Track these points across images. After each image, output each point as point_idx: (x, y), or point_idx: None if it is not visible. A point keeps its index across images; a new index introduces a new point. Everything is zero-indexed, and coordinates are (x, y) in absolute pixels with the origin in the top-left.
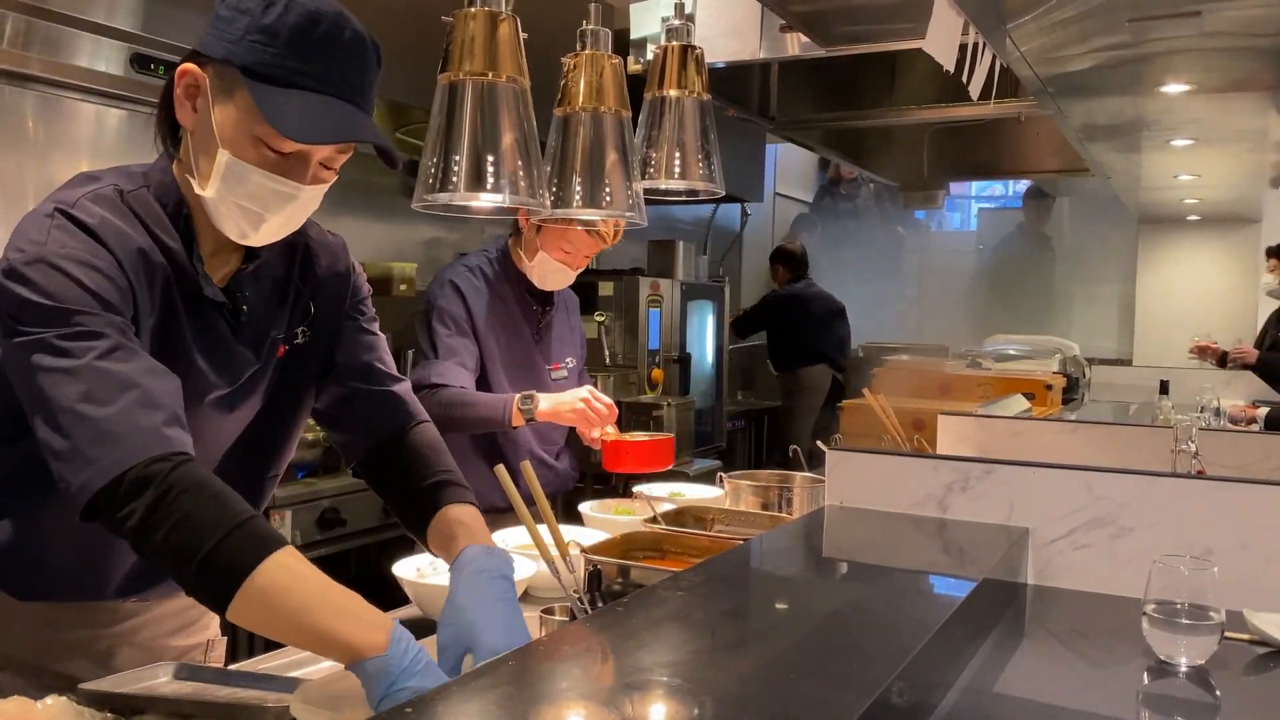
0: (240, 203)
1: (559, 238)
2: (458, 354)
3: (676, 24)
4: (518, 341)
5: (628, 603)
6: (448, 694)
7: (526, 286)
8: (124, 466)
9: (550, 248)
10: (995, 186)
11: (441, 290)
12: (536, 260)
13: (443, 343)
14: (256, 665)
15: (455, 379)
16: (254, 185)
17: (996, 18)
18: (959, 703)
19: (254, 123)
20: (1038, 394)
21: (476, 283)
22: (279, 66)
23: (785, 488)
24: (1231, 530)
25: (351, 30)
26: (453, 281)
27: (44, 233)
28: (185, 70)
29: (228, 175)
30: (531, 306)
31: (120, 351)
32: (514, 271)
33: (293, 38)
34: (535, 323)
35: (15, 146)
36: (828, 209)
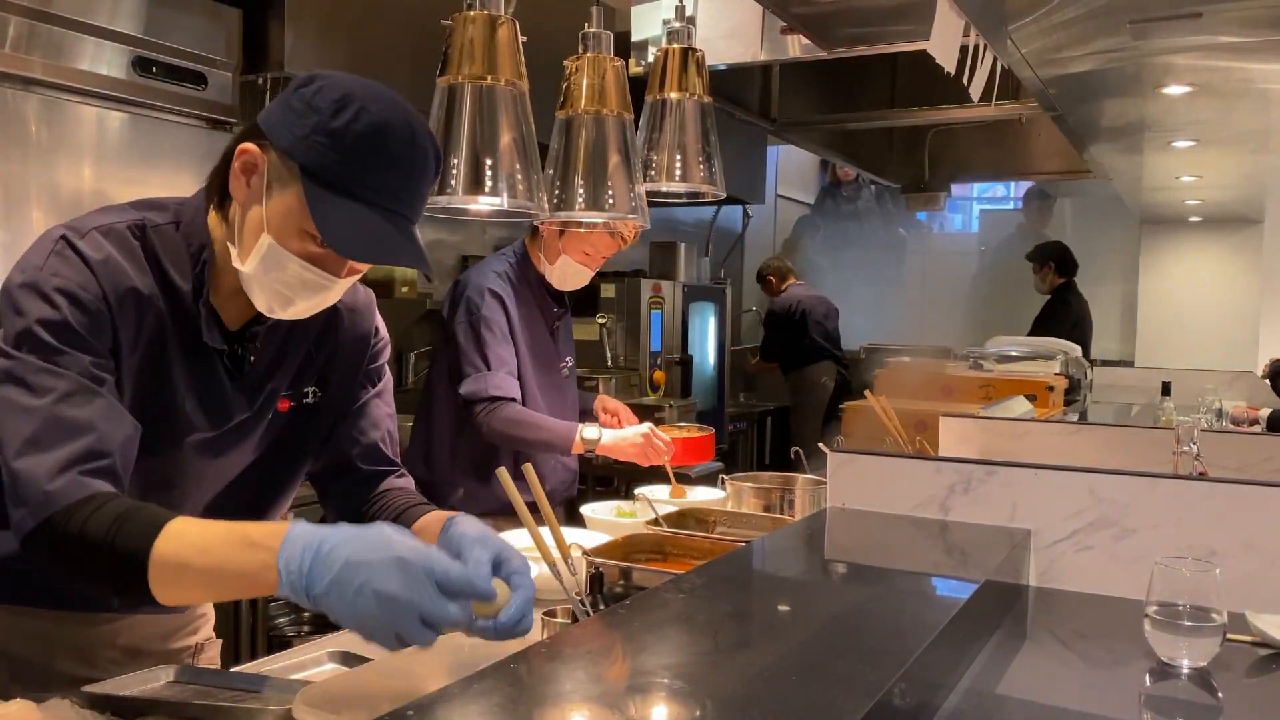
0: (274, 285)
1: (581, 241)
2: (506, 363)
3: (677, 26)
4: (540, 342)
5: (630, 605)
6: (449, 696)
7: (545, 287)
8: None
9: (572, 250)
10: (997, 188)
11: (483, 299)
12: (559, 263)
13: (493, 352)
14: (258, 668)
15: (509, 390)
16: (290, 273)
17: (998, 19)
18: (961, 704)
19: (303, 219)
20: (1040, 395)
21: (507, 288)
22: (338, 174)
23: (787, 489)
24: (1234, 532)
25: (419, 144)
26: (492, 290)
27: (44, 257)
28: (246, 149)
29: (267, 258)
30: (551, 308)
31: (79, 396)
32: (533, 273)
33: (357, 147)
34: (552, 322)
35: (18, 149)
36: (829, 211)
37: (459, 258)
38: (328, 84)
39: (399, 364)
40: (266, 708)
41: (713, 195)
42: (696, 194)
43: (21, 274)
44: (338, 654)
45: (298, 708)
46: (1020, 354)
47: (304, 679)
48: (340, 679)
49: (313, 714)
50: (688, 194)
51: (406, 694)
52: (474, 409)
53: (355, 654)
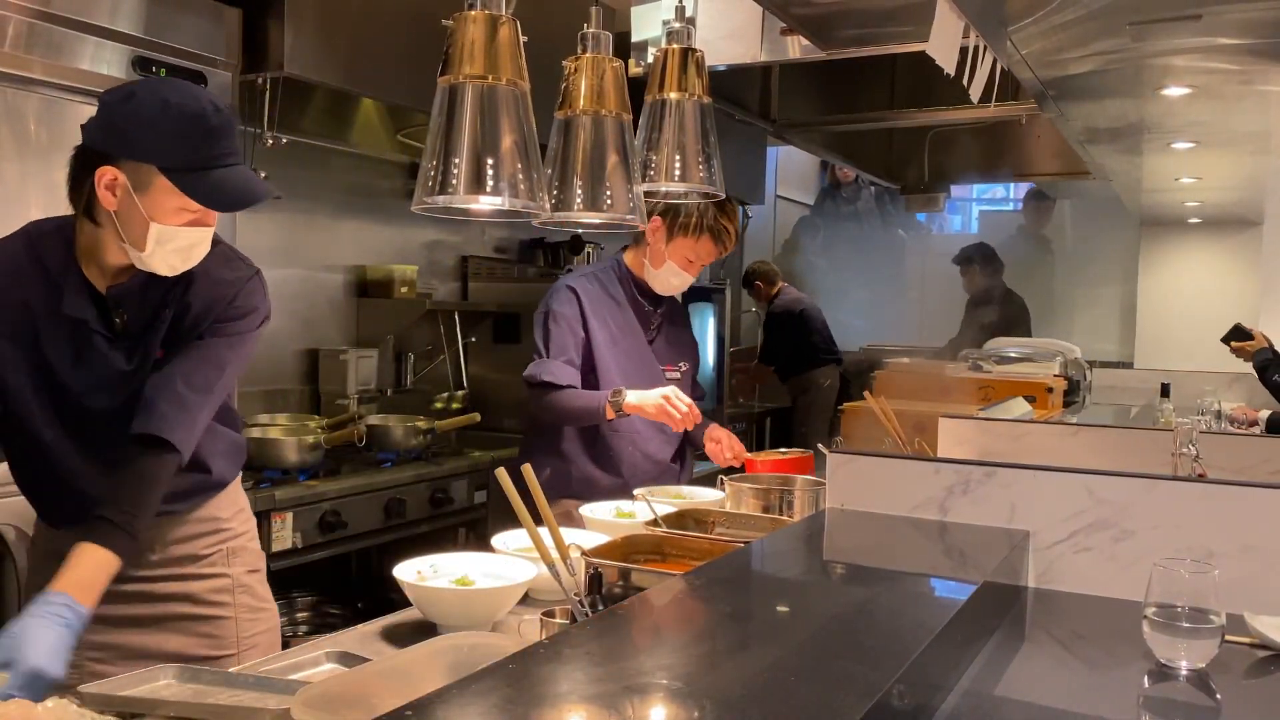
0: (171, 253)
1: (688, 248)
2: (566, 352)
3: (677, 27)
4: (632, 340)
5: (628, 605)
6: (447, 696)
7: (640, 291)
8: None
9: (675, 256)
10: (996, 189)
11: (557, 294)
12: (664, 269)
13: (554, 341)
14: (257, 668)
15: (564, 377)
16: (181, 239)
17: (998, 21)
18: (960, 705)
19: (176, 199)
20: (1039, 397)
21: (591, 287)
22: (185, 158)
23: (786, 490)
24: (1232, 533)
25: (222, 112)
26: (569, 286)
27: None
28: (104, 171)
29: (161, 238)
30: (644, 308)
31: None
32: (628, 276)
33: (188, 134)
34: (648, 325)
35: (18, 149)
36: (829, 212)
37: (459, 258)
38: (137, 99)
39: (398, 364)
40: (265, 708)
41: (712, 196)
42: (696, 195)
43: None
44: (336, 654)
45: (296, 708)
46: (1019, 355)
47: (302, 679)
48: (338, 679)
49: (311, 714)
50: (687, 194)
51: (404, 694)
52: (531, 392)
53: (353, 654)
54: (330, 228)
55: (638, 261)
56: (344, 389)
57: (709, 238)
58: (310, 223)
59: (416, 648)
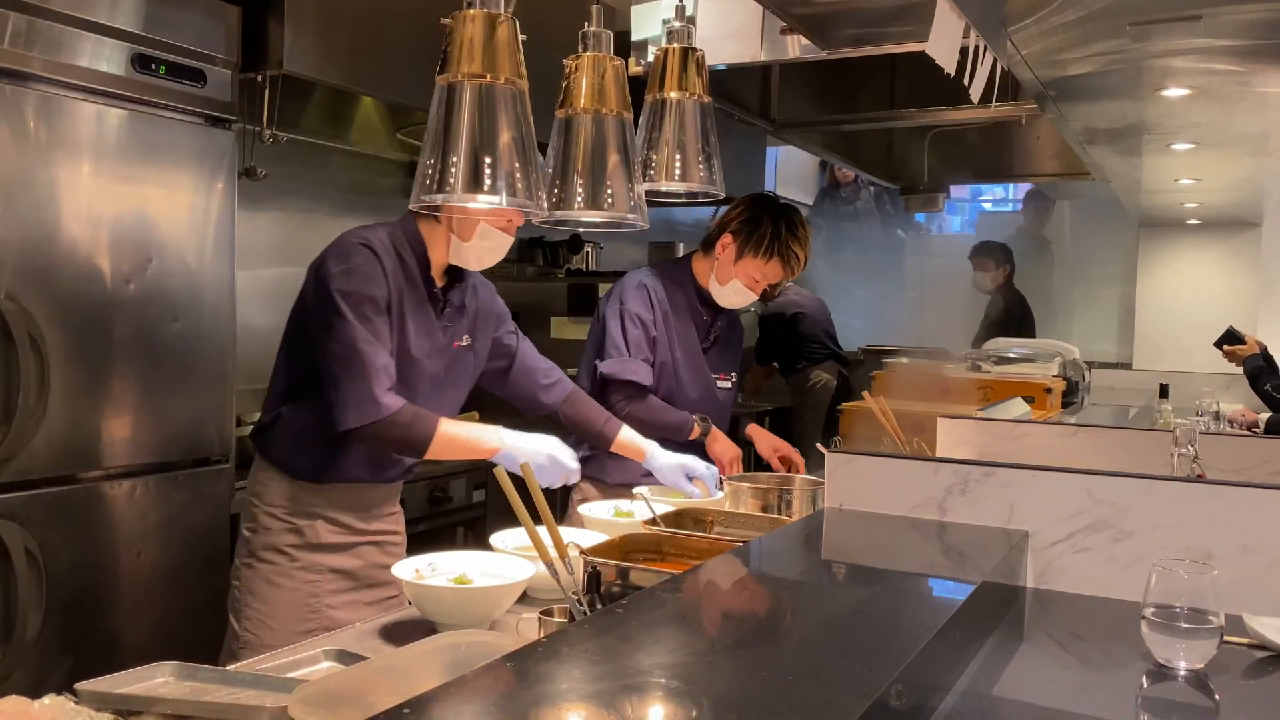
0: (482, 249)
1: (755, 269)
2: (644, 351)
3: (677, 26)
4: (689, 346)
5: (627, 604)
6: (445, 695)
7: (702, 299)
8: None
9: (742, 275)
10: (996, 189)
11: (633, 292)
12: (730, 285)
13: (632, 340)
14: (254, 666)
15: (644, 376)
16: (494, 239)
17: (998, 21)
18: (958, 706)
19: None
20: (1038, 397)
21: (660, 287)
22: None
23: (785, 490)
24: (1231, 534)
25: None
26: (643, 282)
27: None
28: None
29: (484, 234)
30: (703, 316)
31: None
32: (690, 282)
33: None
34: (706, 334)
35: (16, 146)
36: (828, 212)
37: None
38: None
39: None
40: (263, 706)
41: (712, 195)
42: (695, 194)
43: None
44: (333, 652)
45: (294, 706)
46: (1018, 356)
47: (300, 677)
48: (336, 677)
49: (309, 712)
50: (687, 194)
51: (402, 692)
52: (609, 388)
53: (351, 653)
54: (329, 226)
55: (704, 271)
56: None
57: (779, 261)
58: (309, 221)
59: (414, 646)
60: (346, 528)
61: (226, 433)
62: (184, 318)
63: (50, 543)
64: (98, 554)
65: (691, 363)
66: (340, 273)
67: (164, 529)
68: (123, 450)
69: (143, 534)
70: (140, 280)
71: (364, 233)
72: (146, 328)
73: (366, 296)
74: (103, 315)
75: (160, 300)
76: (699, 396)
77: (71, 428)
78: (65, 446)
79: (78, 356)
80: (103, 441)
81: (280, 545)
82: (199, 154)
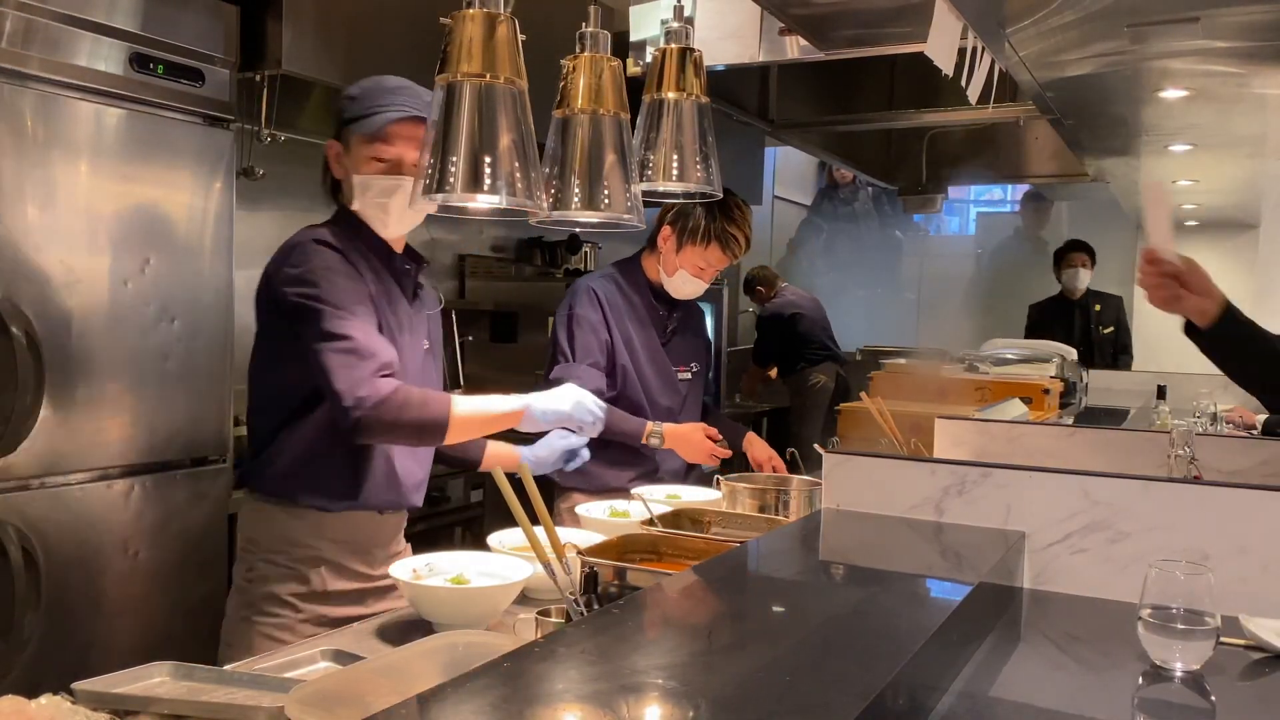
0: (372, 204)
1: (698, 256)
2: (592, 355)
3: (676, 26)
4: (648, 342)
5: (624, 605)
6: (443, 695)
7: (655, 294)
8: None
9: (686, 263)
10: (994, 190)
11: (579, 296)
12: (676, 276)
13: (580, 345)
14: (251, 666)
15: (591, 381)
16: (376, 188)
17: (996, 22)
18: (955, 706)
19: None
20: (1035, 398)
21: (610, 288)
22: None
23: (782, 490)
24: (1228, 535)
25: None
26: (590, 287)
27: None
28: (329, 145)
29: (361, 188)
30: (659, 312)
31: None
32: (643, 280)
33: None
34: (663, 327)
35: (14, 145)
36: (826, 213)
37: (456, 256)
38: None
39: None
40: (260, 705)
41: (710, 196)
42: (693, 194)
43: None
44: (331, 653)
45: (291, 706)
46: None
47: (297, 677)
48: (333, 677)
49: (306, 712)
50: (685, 194)
51: (399, 692)
52: None
53: (348, 653)
54: None
55: (654, 266)
56: None
57: (717, 245)
58: (307, 221)
59: (412, 646)
60: (354, 574)
61: (224, 432)
62: (182, 317)
63: (47, 542)
64: (94, 553)
65: (652, 359)
66: (304, 272)
67: (161, 529)
68: (120, 450)
69: (139, 534)
70: (138, 280)
71: (308, 234)
72: (144, 327)
73: (340, 287)
74: (100, 314)
75: (158, 300)
76: (661, 391)
77: (68, 427)
78: (62, 446)
79: (75, 356)
80: (100, 441)
81: (283, 595)
82: (197, 153)
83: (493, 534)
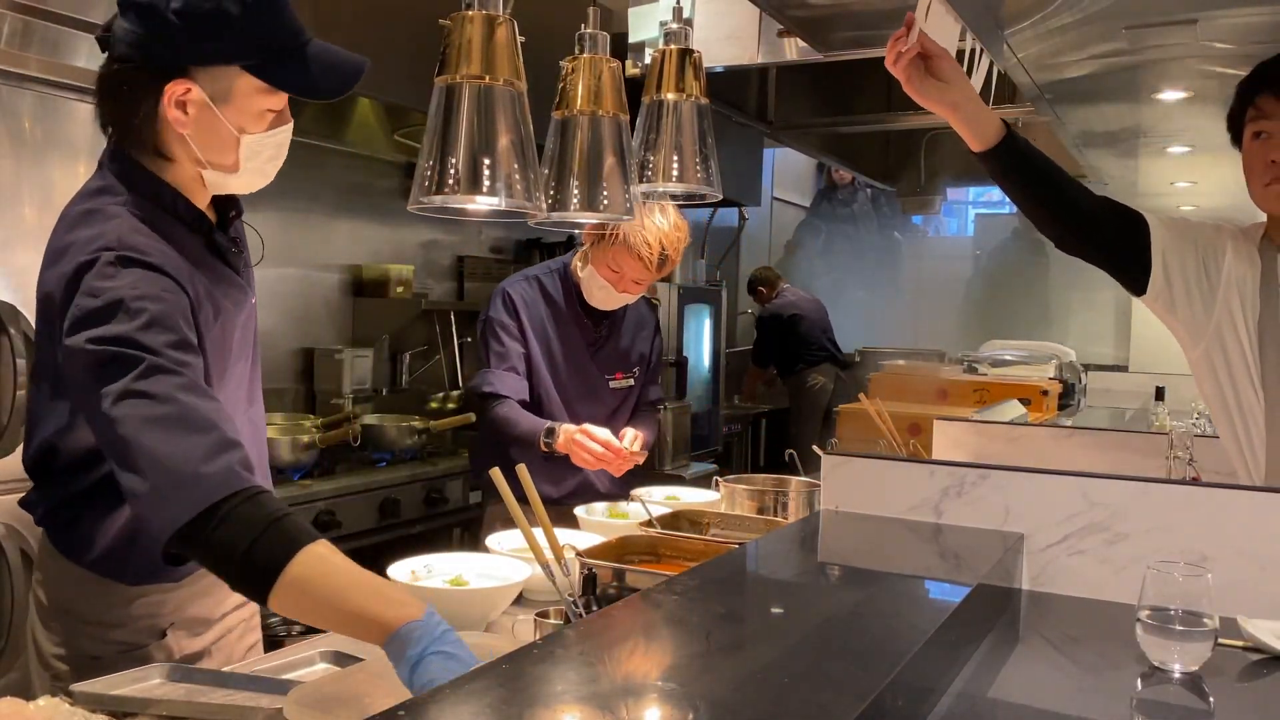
0: (258, 168)
1: (607, 255)
2: (508, 360)
3: (675, 28)
4: (570, 348)
5: (622, 606)
6: (440, 696)
7: (582, 299)
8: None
9: (599, 264)
10: (992, 192)
11: (495, 301)
12: (586, 274)
13: (494, 351)
14: (250, 667)
15: (505, 386)
16: (269, 146)
17: (994, 24)
18: (953, 708)
19: (260, 101)
20: (1034, 400)
21: (530, 291)
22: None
23: (781, 492)
24: (1226, 537)
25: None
26: (505, 291)
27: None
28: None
29: (250, 150)
30: (584, 317)
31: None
32: (571, 283)
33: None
34: (590, 331)
35: (12, 146)
36: (825, 214)
37: (455, 258)
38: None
39: (393, 363)
40: (258, 706)
41: (709, 197)
42: (692, 195)
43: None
44: (329, 654)
45: (289, 707)
46: (1015, 358)
47: (295, 679)
48: (331, 679)
49: (304, 713)
50: (684, 195)
51: (397, 694)
52: (478, 403)
53: (347, 654)
54: (326, 227)
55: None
56: (339, 388)
57: (623, 249)
58: (306, 222)
59: None
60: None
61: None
62: None
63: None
64: None
65: (573, 366)
66: (105, 306)
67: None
68: None
69: None
70: None
71: (96, 226)
72: None
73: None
74: None
75: None
76: (582, 399)
77: None
78: None
79: None
80: None
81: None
82: None
83: (491, 535)
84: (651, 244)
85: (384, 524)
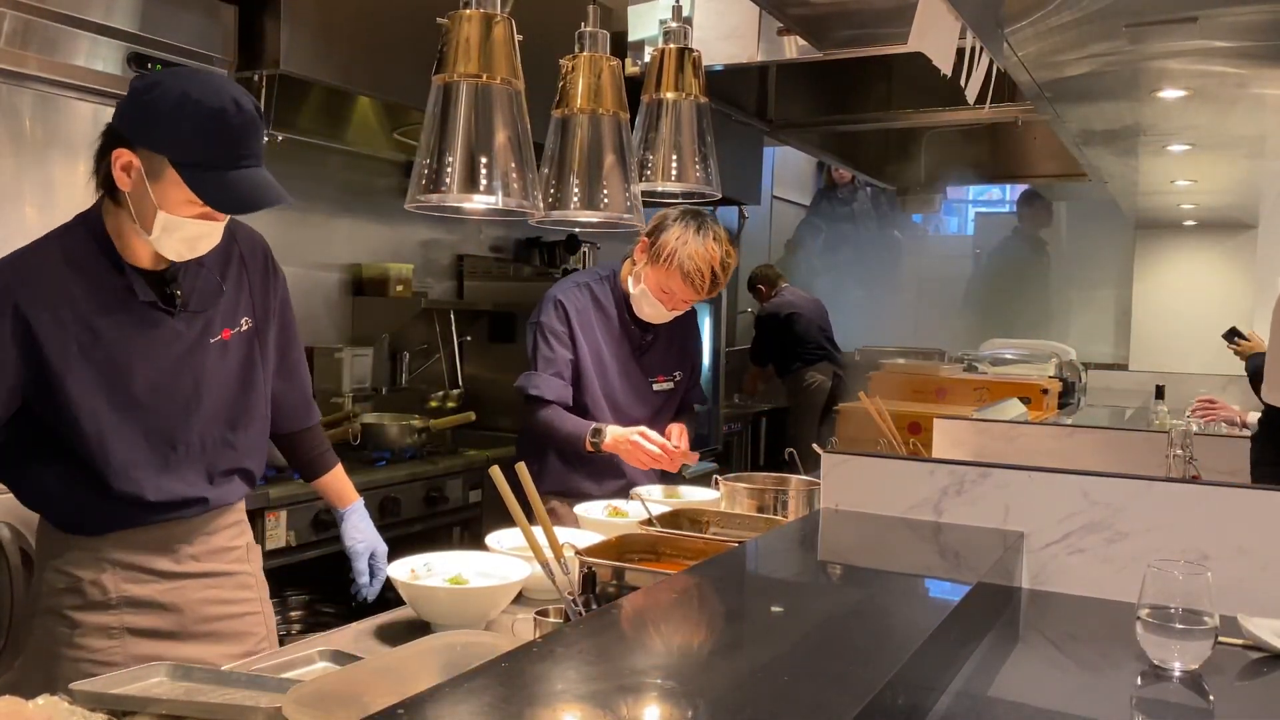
0: (177, 241)
1: (662, 277)
2: (554, 365)
3: (674, 27)
4: (619, 353)
5: (622, 605)
6: (440, 695)
7: (629, 307)
8: None
9: (651, 284)
10: (992, 191)
11: (546, 306)
12: (638, 291)
13: (542, 355)
14: (249, 666)
15: (550, 390)
16: (188, 230)
17: (994, 22)
18: (953, 706)
19: (185, 194)
20: (1034, 398)
21: (582, 298)
22: (198, 154)
23: (781, 491)
24: (1226, 535)
25: (244, 110)
26: (558, 298)
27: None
28: (120, 154)
29: (168, 226)
30: (632, 325)
31: None
32: (620, 291)
33: (204, 131)
34: (637, 338)
35: (12, 145)
36: (825, 213)
37: (454, 256)
38: (162, 88)
39: (393, 362)
40: (257, 706)
41: (708, 196)
42: (692, 194)
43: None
44: (328, 653)
45: (288, 706)
46: (1015, 357)
47: (295, 678)
48: (331, 678)
49: (304, 713)
50: (684, 194)
51: (397, 692)
52: (523, 404)
53: (346, 653)
54: (326, 226)
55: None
56: (339, 387)
57: (678, 274)
58: (306, 221)
59: (409, 646)
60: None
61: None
62: None
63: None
64: None
65: (622, 370)
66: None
67: None
68: None
69: None
70: None
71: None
72: None
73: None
74: None
75: None
76: (631, 403)
77: None
78: None
79: None
80: None
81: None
82: None
83: (491, 534)
84: (704, 271)
85: (384, 523)
